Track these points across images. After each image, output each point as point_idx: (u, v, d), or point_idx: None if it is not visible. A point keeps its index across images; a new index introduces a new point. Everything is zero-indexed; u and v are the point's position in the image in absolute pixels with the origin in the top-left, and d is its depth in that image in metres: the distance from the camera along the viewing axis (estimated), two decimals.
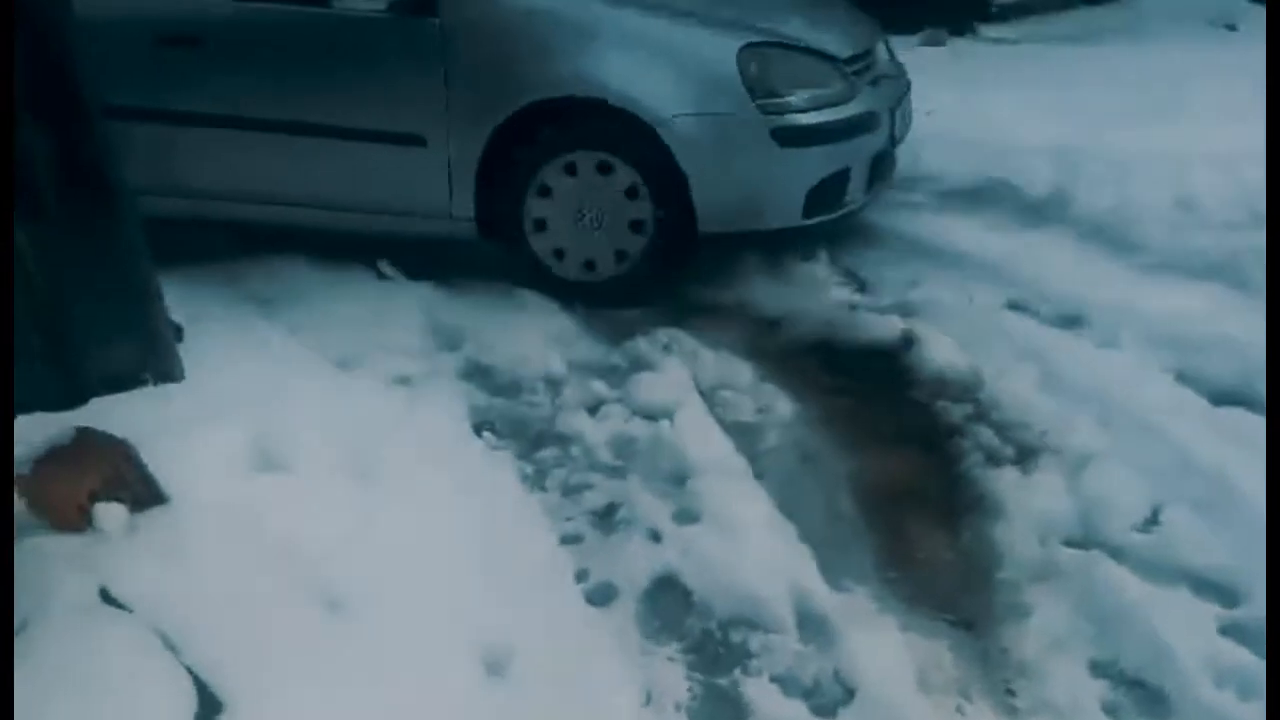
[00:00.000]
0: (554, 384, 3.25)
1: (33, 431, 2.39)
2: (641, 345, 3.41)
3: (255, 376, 2.94)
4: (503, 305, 3.72)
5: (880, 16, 4.32)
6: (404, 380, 3.25)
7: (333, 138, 3.57)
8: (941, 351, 3.22)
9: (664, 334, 3.48)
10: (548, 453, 2.92)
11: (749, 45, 3.38)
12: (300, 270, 4.09)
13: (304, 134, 3.59)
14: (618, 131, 3.40)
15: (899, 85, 3.96)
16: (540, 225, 3.63)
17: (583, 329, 3.62)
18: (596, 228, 3.59)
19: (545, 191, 3.58)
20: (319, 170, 3.65)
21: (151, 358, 2.55)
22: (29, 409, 2.48)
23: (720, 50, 3.36)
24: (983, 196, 4.48)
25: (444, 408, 3.11)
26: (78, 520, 2.27)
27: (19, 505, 2.27)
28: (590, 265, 3.66)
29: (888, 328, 3.42)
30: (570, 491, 2.75)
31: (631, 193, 3.51)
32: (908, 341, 3.33)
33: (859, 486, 2.72)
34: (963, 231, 4.10)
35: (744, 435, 2.93)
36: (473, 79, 3.45)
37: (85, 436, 2.34)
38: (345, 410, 2.92)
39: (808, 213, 3.50)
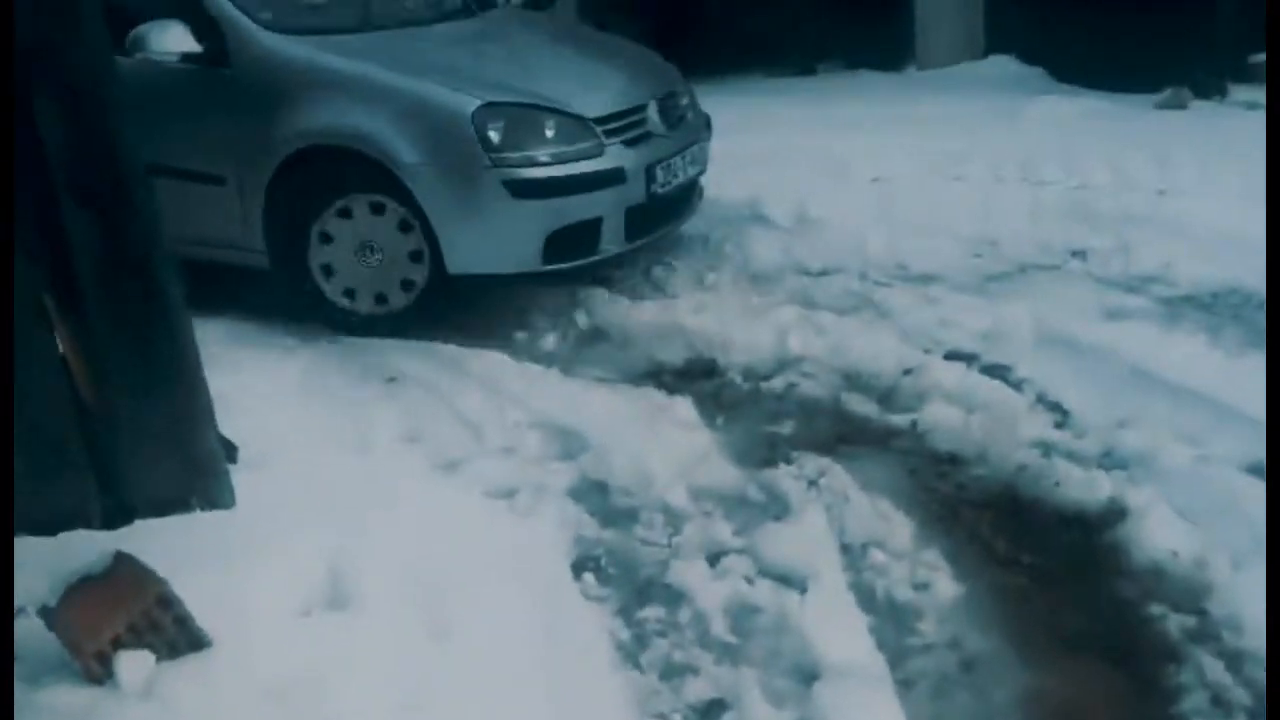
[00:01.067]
0: (674, 517, 2.78)
1: (70, 553, 2.12)
2: (783, 477, 2.90)
3: (332, 485, 2.60)
4: (631, 407, 3.29)
5: (1116, 72, 3.67)
6: (509, 493, 2.87)
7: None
8: (1160, 530, 2.55)
9: (812, 464, 2.95)
10: (652, 612, 2.45)
11: (486, 104, 3.68)
12: (426, 345, 3.80)
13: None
14: (378, 175, 3.68)
15: (676, 139, 4.15)
16: (327, 270, 3.89)
17: (720, 442, 3.14)
18: (379, 263, 3.86)
19: (327, 238, 3.85)
20: None
21: (199, 481, 2.23)
22: (69, 526, 2.22)
23: (459, 107, 3.67)
24: (1226, 311, 3.71)
25: (546, 536, 2.71)
26: (97, 669, 1.98)
27: (44, 638, 2.00)
28: (382, 298, 3.91)
29: (1091, 486, 2.77)
30: (670, 674, 2.27)
31: (404, 226, 3.78)
32: (1116, 510, 2.67)
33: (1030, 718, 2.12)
34: (1195, 356, 3.36)
35: (891, 622, 2.37)
36: (256, 125, 3.76)
37: (121, 567, 2.04)
38: (431, 532, 2.55)
39: (548, 259, 3.79)
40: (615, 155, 3.86)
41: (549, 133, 3.74)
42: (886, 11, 7.66)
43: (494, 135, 3.65)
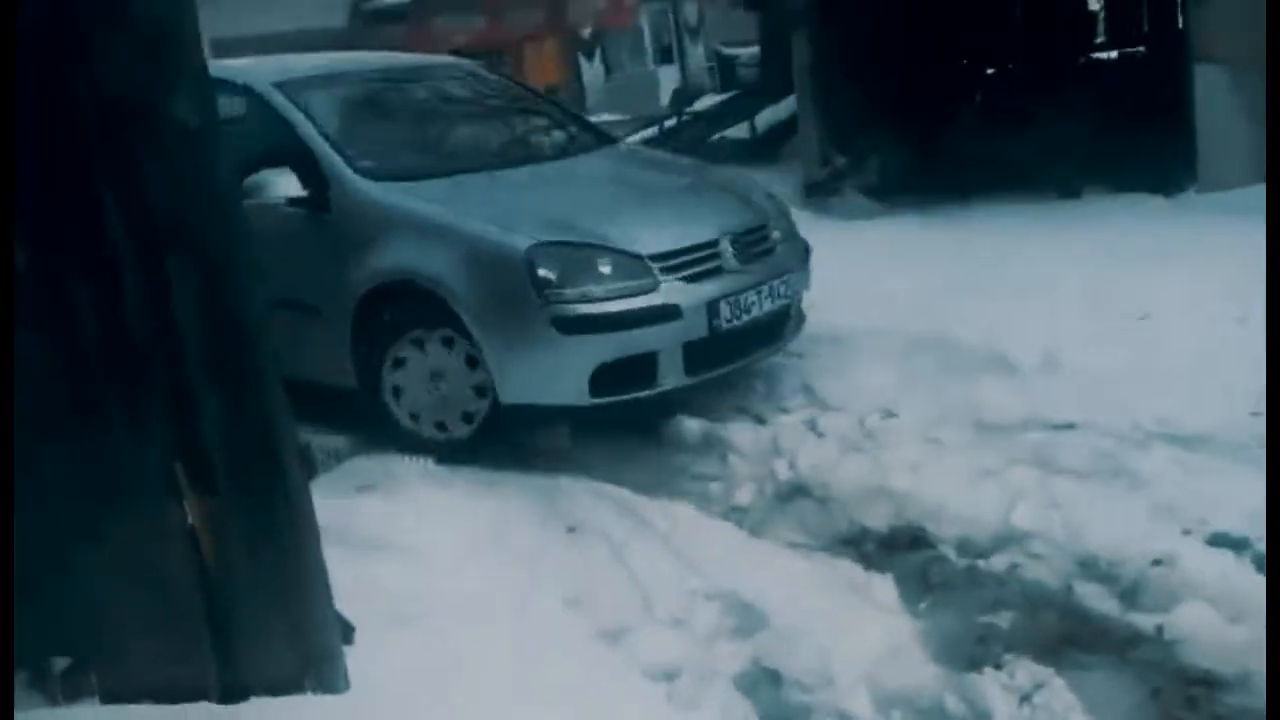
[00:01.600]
0: None
1: None
2: (991, 686, 2.43)
3: (471, 661, 2.40)
4: (823, 581, 2.92)
5: None
6: (670, 676, 2.57)
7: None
8: None
9: (1029, 672, 2.47)
10: None
11: (537, 244, 3.85)
12: (617, 491, 3.60)
13: None
14: (445, 311, 3.93)
15: (754, 274, 4.19)
16: (397, 392, 4.15)
17: (921, 632, 2.71)
18: (444, 394, 4.09)
19: (400, 363, 4.12)
20: None
21: (313, 662, 2.08)
22: (189, 698, 2.13)
23: (511, 247, 3.86)
24: None
25: None
26: None
27: None
28: (441, 426, 4.12)
29: None
30: None
31: (471, 362, 3.99)
32: None
33: None
34: None
35: None
36: (345, 263, 4.14)
37: None
38: None
39: (596, 393, 3.87)
40: (671, 291, 3.94)
41: (603, 270, 3.88)
42: (1162, 127, 6.97)
43: (544, 273, 3.82)
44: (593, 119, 17.15)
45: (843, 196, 8.09)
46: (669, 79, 24.95)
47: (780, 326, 4.45)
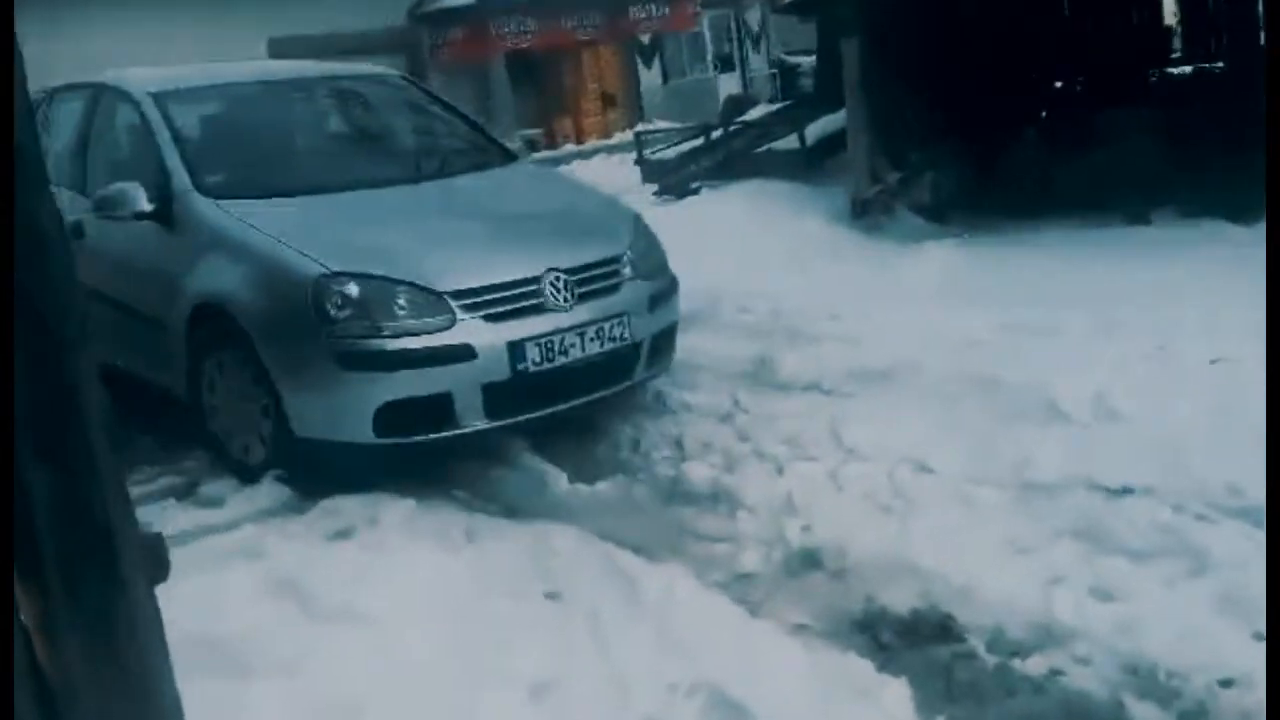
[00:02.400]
0: None
1: None
2: None
3: None
4: (826, 679, 2.51)
5: None
6: None
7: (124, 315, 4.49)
8: None
9: None
10: None
11: (330, 274, 3.69)
12: (604, 550, 3.23)
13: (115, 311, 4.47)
14: (244, 335, 3.85)
15: (586, 312, 3.96)
16: (214, 410, 4.15)
17: None
18: (246, 417, 4.02)
19: (211, 385, 4.12)
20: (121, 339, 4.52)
21: None
22: None
23: (302, 274, 3.73)
24: None
25: None
26: None
27: None
28: (246, 449, 4.06)
29: None
30: None
31: (267, 390, 3.88)
32: None
33: None
34: None
35: None
36: (177, 280, 4.13)
37: None
38: None
39: (380, 432, 3.71)
40: (468, 330, 3.73)
41: (396, 305, 3.70)
42: (1238, 148, 6.43)
43: (330, 305, 3.68)
44: (647, 126, 16.87)
45: (893, 215, 7.65)
46: (729, 87, 24.56)
47: (626, 364, 4.16)
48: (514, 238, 4.17)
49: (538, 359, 3.81)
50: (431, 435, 3.76)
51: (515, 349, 3.77)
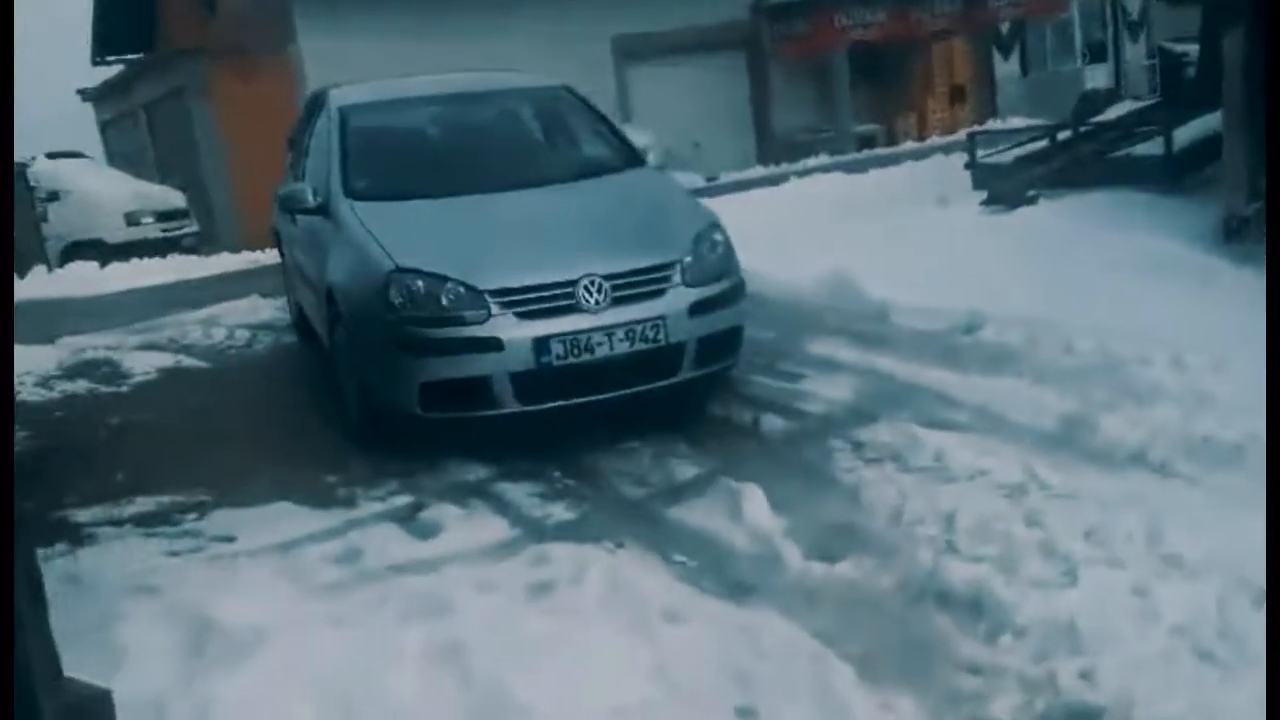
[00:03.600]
0: None
1: None
2: None
3: None
4: None
5: None
6: None
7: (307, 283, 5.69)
8: None
9: None
10: None
11: (396, 269, 4.35)
12: None
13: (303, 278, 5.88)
14: (340, 315, 4.75)
15: (614, 315, 4.29)
16: (335, 371, 4.94)
17: None
18: (348, 382, 4.75)
19: (334, 350, 4.93)
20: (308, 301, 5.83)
21: None
22: None
23: (377, 270, 4.41)
24: None
25: None
26: None
27: None
28: (347, 410, 4.83)
29: None
30: None
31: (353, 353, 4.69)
32: None
33: None
34: None
35: None
36: (325, 261, 4.95)
37: None
38: None
39: (425, 407, 4.31)
40: (499, 325, 4.22)
41: (445, 299, 4.25)
42: None
43: (394, 295, 4.29)
44: (982, 127, 15.48)
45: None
46: (1097, 79, 22.29)
47: (667, 364, 4.44)
48: (567, 243, 4.56)
49: (562, 353, 4.24)
50: (474, 413, 4.31)
51: (540, 344, 4.22)
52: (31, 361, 6.65)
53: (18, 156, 13.99)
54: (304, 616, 2.91)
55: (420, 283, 4.28)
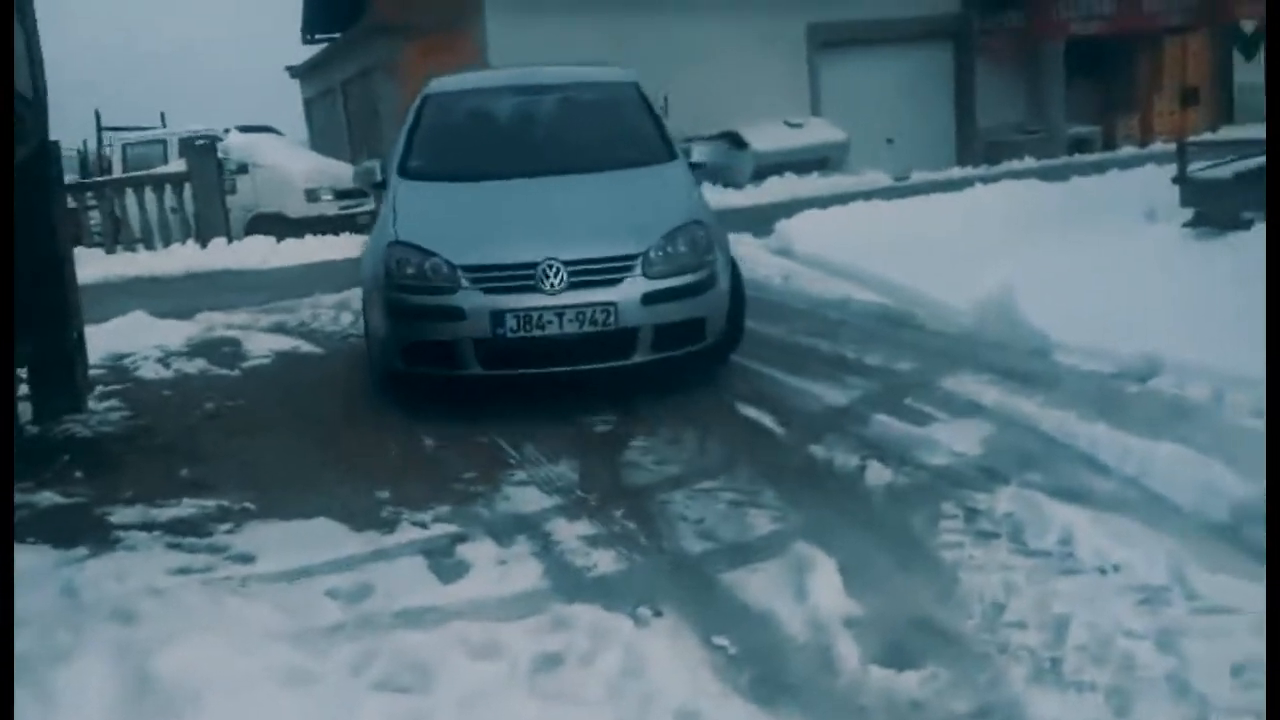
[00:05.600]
0: None
1: None
2: None
3: None
4: None
5: None
6: None
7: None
8: None
9: None
10: None
11: (395, 242, 5.02)
12: None
13: None
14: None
15: (567, 297, 4.75)
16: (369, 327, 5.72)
17: None
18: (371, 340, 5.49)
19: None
20: None
21: None
22: None
23: (383, 241, 5.10)
24: None
25: None
26: None
27: None
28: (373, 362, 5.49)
29: None
30: None
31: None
32: None
33: None
34: None
35: None
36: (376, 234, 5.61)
37: None
38: None
39: (407, 364, 4.98)
40: (463, 298, 4.76)
41: (427, 271, 4.84)
42: None
43: (390, 266, 4.93)
44: (1235, 133, 13.90)
45: None
46: None
47: (619, 347, 4.83)
48: (544, 229, 5.00)
49: (515, 327, 4.74)
50: (445, 373, 4.89)
51: (496, 316, 4.74)
52: (163, 337, 6.71)
53: (213, 129, 14.60)
54: (262, 672, 2.56)
55: (410, 255, 4.91)
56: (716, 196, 14.07)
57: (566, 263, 4.76)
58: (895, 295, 6.67)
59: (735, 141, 15.96)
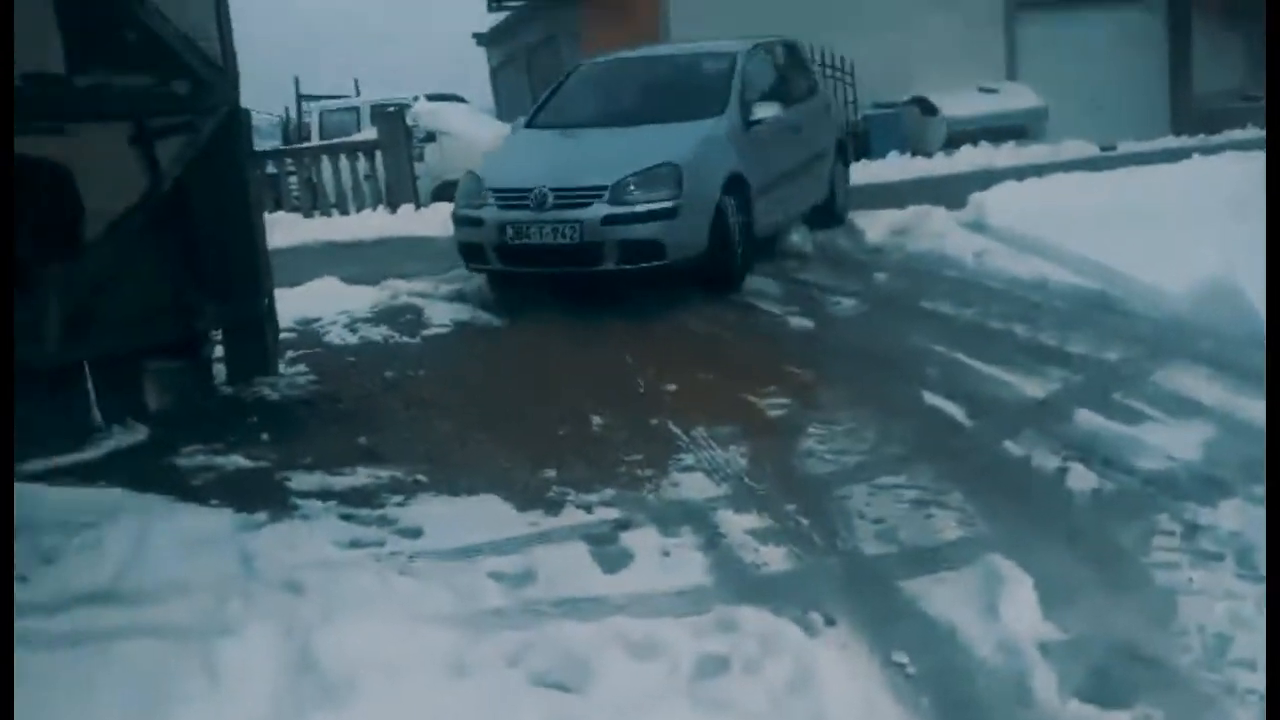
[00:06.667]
0: None
1: None
2: None
3: None
4: None
5: None
6: None
7: None
8: None
9: None
10: None
11: (468, 172, 6.99)
12: None
13: None
14: None
15: (548, 215, 6.32)
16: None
17: None
18: None
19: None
20: None
21: None
22: None
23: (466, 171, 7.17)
24: None
25: None
26: None
27: None
28: None
29: None
30: None
31: None
32: None
33: None
34: None
35: None
36: None
37: None
38: None
39: (467, 262, 6.88)
40: (486, 211, 6.55)
41: (472, 190, 6.74)
42: None
43: (461, 189, 6.94)
44: None
45: None
46: None
47: (591, 256, 6.26)
48: (559, 164, 6.62)
49: (513, 235, 6.36)
50: (481, 267, 6.76)
51: (501, 226, 6.38)
52: (351, 303, 6.87)
53: (402, 95, 14.98)
54: (421, 657, 2.51)
55: (471, 181, 6.79)
56: (903, 165, 13.53)
57: (554, 189, 6.30)
58: (1099, 276, 6.14)
59: (925, 107, 15.26)
